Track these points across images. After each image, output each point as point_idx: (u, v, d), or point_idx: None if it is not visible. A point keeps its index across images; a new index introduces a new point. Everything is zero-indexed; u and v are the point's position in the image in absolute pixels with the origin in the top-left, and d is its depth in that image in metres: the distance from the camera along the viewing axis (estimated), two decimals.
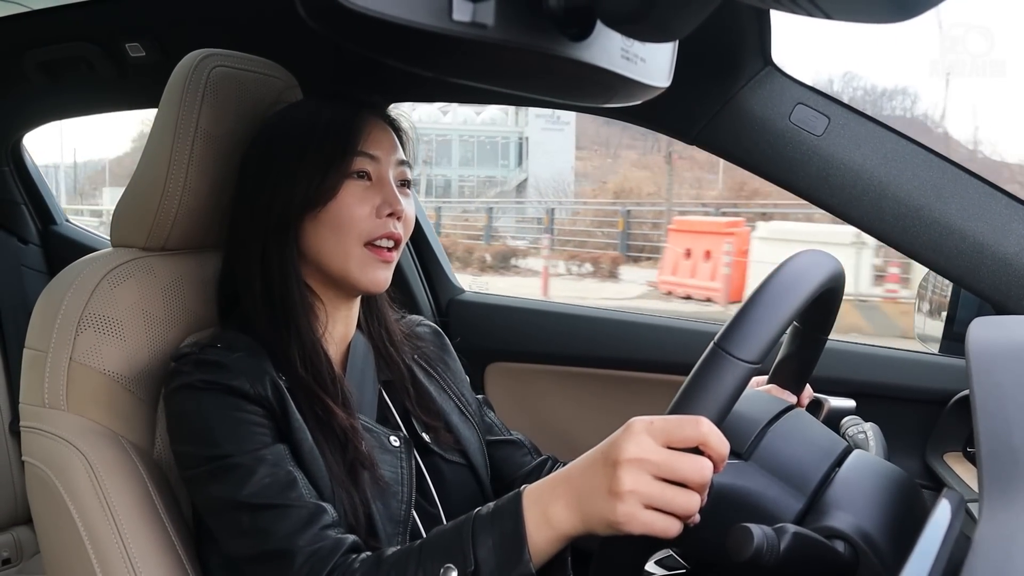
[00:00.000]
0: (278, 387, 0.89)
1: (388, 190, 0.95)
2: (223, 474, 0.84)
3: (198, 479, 0.87)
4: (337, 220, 0.93)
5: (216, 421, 0.86)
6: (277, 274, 0.95)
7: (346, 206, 0.93)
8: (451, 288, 1.74)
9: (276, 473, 0.84)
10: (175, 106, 0.99)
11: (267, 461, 0.85)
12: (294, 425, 0.88)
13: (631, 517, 0.67)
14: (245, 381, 0.87)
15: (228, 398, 0.86)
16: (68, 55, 1.58)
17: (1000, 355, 0.71)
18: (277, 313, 0.94)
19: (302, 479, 0.86)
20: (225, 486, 0.84)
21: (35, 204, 2.05)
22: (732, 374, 0.69)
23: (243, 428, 0.86)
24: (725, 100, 1.17)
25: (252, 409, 0.87)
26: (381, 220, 0.94)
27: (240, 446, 0.85)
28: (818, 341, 0.98)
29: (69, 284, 0.98)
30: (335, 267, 0.94)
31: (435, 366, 1.10)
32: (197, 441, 0.87)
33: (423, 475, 0.98)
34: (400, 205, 0.94)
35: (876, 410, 1.14)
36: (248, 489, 0.83)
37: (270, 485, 0.83)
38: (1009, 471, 0.60)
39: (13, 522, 1.77)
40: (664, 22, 0.40)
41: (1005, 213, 1.08)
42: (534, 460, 1.14)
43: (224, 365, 0.88)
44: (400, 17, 0.34)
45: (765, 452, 0.79)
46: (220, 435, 0.85)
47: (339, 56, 1.42)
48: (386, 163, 0.96)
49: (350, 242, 0.93)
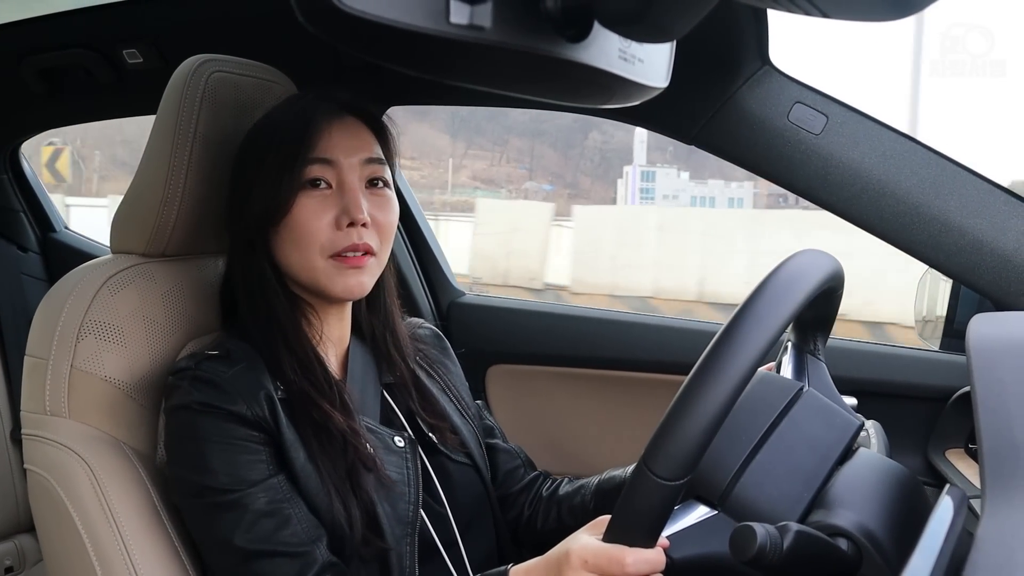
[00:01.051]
0: (272, 402, 0.89)
1: (349, 197, 0.90)
2: (219, 512, 0.85)
3: (193, 509, 0.89)
4: (296, 234, 0.90)
5: (214, 450, 0.86)
6: (256, 284, 0.94)
7: (303, 220, 0.89)
8: (452, 291, 1.74)
9: (271, 511, 0.85)
10: (173, 112, 0.99)
11: (261, 499, 0.85)
12: (287, 442, 0.88)
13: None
14: (242, 403, 0.87)
15: (225, 424, 0.86)
16: (66, 62, 1.58)
17: (1001, 351, 0.71)
18: (264, 322, 0.94)
19: (297, 512, 0.86)
20: (220, 525, 0.85)
21: (34, 212, 2.05)
22: (658, 495, 0.68)
23: (240, 458, 0.86)
24: (723, 100, 1.17)
25: (249, 435, 0.87)
26: (343, 231, 0.89)
27: (237, 477, 0.85)
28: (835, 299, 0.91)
29: (69, 291, 0.98)
30: (304, 279, 0.93)
31: (436, 368, 1.10)
32: (194, 468, 0.87)
33: (430, 475, 0.98)
34: (361, 213, 0.89)
35: (878, 408, 1.14)
36: (241, 534, 0.84)
37: (265, 526, 0.85)
38: (1011, 467, 0.60)
39: (16, 530, 1.77)
40: (662, 22, 0.40)
41: (1004, 210, 1.09)
42: (527, 475, 1.14)
43: (220, 385, 0.87)
44: (397, 20, 0.34)
45: (739, 498, 0.77)
46: (217, 465, 0.86)
47: (338, 60, 1.42)
48: (347, 166, 0.91)
49: (312, 255, 0.90)
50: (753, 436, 0.81)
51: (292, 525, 0.85)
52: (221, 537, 0.85)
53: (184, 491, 0.90)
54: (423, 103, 1.53)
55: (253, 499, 0.85)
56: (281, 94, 1.09)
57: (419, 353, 1.09)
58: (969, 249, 1.09)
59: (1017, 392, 0.66)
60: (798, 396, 0.86)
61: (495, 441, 1.13)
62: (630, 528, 0.70)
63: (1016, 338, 0.74)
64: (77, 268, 1.02)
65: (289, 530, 0.85)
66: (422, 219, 1.74)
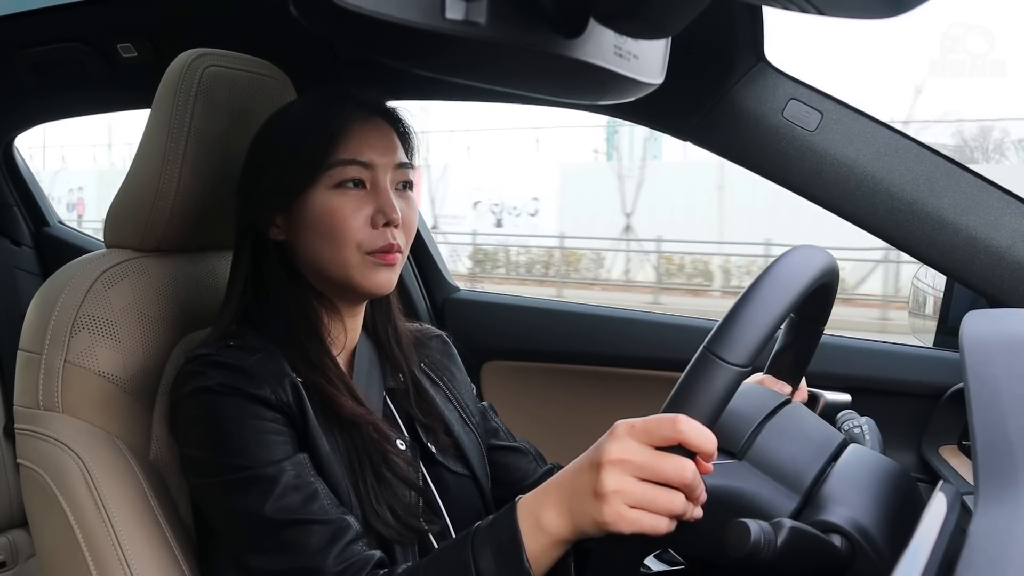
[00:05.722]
0: (297, 389, 0.88)
1: (383, 198, 0.91)
2: (243, 486, 0.83)
3: (213, 488, 0.86)
4: (332, 231, 0.90)
5: (236, 428, 0.84)
6: (267, 275, 0.94)
7: (341, 217, 0.90)
8: (446, 287, 1.74)
9: (299, 485, 0.83)
10: (168, 107, 0.99)
11: (289, 472, 0.83)
12: (312, 430, 0.87)
13: (618, 517, 0.69)
14: (266, 387, 0.85)
15: (249, 405, 0.85)
16: (59, 56, 1.57)
17: (994, 348, 0.71)
18: (282, 316, 0.93)
19: (323, 489, 0.85)
20: (246, 499, 0.83)
21: (28, 206, 2.04)
22: (721, 378, 0.69)
23: (264, 437, 0.84)
24: (718, 96, 1.17)
25: (273, 417, 0.85)
26: (378, 231, 0.91)
27: (261, 456, 0.83)
28: (814, 332, 0.98)
29: (63, 286, 0.98)
30: (336, 275, 0.92)
31: (441, 374, 1.08)
32: (215, 448, 0.85)
33: (428, 486, 0.97)
34: (396, 214, 0.91)
35: (871, 404, 1.14)
36: (271, 504, 0.82)
37: (293, 499, 0.82)
38: (1004, 463, 0.60)
39: (8, 525, 1.77)
40: (657, 19, 0.40)
41: (998, 207, 1.09)
42: (540, 468, 1.13)
43: (244, 369, 0.86)
44: (392, 15, 0.34)
45: (759, 450, 0.79)
46: (240, 443, 0.84)
47: (334, 54, 1.42)
48: (381, 167, 0.92)
49: (348, 252, 0.91)
50: (769, 404, 0.85)
51: (320, 499, 0.84)
52: (248, 510, 0.82)
53: (202, 471, 0.87)
54: (418, 98, 1.53)
55: (281, 472, 0.83)
56: (276, 89, 1.09)
57: (425, 359, 1.08)
58: (963, 246, 1.09)
59: (1010, 389, 0.66)
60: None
61: (503, 441, 1.12)
62: (688, 407, 0.69)
63: (1009, 335, 0.75)
64: (71, 262, 1.02)
65: (318, 504, 0.83)
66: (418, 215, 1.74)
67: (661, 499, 0.68)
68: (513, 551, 0.73)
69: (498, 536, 0.75)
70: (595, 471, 0.70)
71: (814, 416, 0.91)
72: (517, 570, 0.73)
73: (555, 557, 0.74)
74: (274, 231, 0.94)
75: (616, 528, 0.69)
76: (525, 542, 0.73)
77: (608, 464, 0.69)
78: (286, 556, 0.81)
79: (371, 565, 0.81)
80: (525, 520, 0.74)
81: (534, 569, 0.73)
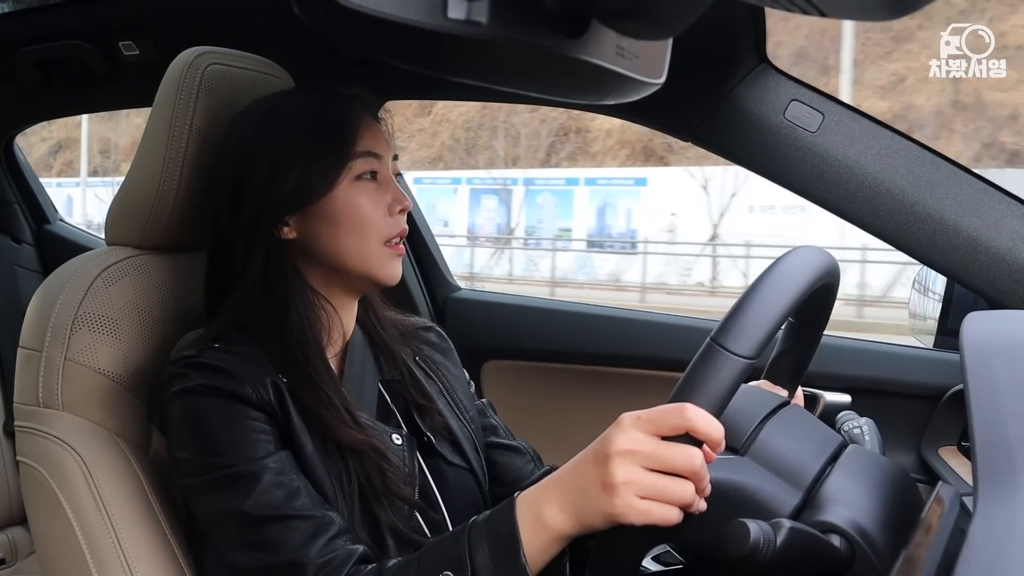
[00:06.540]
0: (279, 389, 0.88)
1: (394, 187, 0.95)
2: (226, 484, 0.83)
3: (198, 488, 0.86)
4: (357, 224, 0.92)
5: (218, 428, 0.85)
6: (274, 276, 0.93)
7: (365, 210, 0.92)
8: (447, 286, 1.74)
9: (281, 482, 0.83)
10: (169, 104, 0.99)
11: (271, 469, 0.84)
12: (295, 430, 0.87)
13: (629, 508, 0.68)
14: (247, 386, 0.86)
15: (231, 404, 0.85)
16: (61, 53, 1.57)
17: (994, 350, 0.71)
18: (274, 315, 0.92)
19: (306, 486, 0.85)
20: (228, 496, 0.83)
21: (28, 203, 2.04)
22: (727, 368, 0.70)
23: (246, 435, 0.84)
24: (720, 97, 1.17)
25: (255, 415, 0.86)
26: (394, 218, 0.94)
27: (243, 454, 0.84)
28: (813, 337, 0.98)
29: (63, 283, 0.98)
30: (356, 267, 0.94)
31: (437, 369, 1.08)
32: (198, 449, 0.85)
33: (426, 477, 0.97)
34: (407, 200, 0.95)
35: (871, 405, 1.14)
36: (252, 500, 0.82)
37: (275, 495, 0.82)
38: (1003, 464, 0.60)
39: (8, 522, 1.77)
40: (659, 19, 0.40)
41: (998, 208, 1.09)
42: (538, 469, 1.12)
43: (225, 370, 0.86)
44: (394, 14, 0.34)
45: (761, 447, 0.79)
46: (222, 442, 0.84)
47: (335, 53, 1.42)
48: (386, 158, 0.96)
49: (372, 243, 0.93)
50: (770, 403, 0.86)
51: (302, 496, 0.84)
52: (229, 508, 0.83)
53: (188, 471, 0.87)
54: (419, 97, 1.53)
55: (263, 469, 0.83)
56: (278, 87, 1.09)
57: (419, 353, 1.08)
58: (963, 247, 1.09)
59: (1010, 390, 0.66)
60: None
61: (501, 440, 1.11)
62: (695, 396, 0.69)
63: (1010, 337, 0.75)
64: (71, 260, 1.02)
65: (300, 500, 0.83)
66: (418, 213, 1.74)
67: (671, 488, 0.68)
68: (510, 547, 0.73)
69: (496, 531, 0.74)
70: (602, 463, 0.70)
71: (813, 417, 0.91)
72: (514, 566, 0.72)
73: (553, 554, 0.74)
74: (285, 230, 0.93)
75: (627, 520, 0.68)
76: (523, 538, 0.73)
77: (616, 455, 0.69)
78: (268, 552, 0.81)
79: (354, 559, 0.81)
80: (524, 515, 0.74)
81: (531, 566, 0.72)
